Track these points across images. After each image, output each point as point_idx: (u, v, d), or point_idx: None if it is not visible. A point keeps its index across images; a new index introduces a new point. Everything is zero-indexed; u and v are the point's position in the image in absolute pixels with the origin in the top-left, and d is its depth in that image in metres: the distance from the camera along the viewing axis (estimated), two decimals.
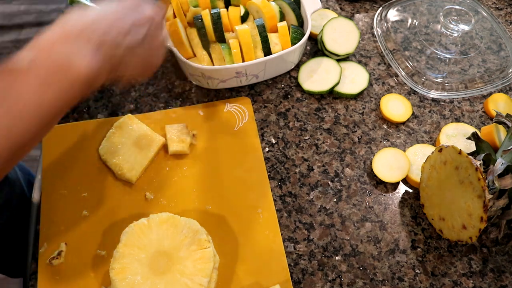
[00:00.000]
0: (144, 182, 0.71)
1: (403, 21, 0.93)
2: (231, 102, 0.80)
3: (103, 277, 0.63)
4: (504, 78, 0.85)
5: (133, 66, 0.57)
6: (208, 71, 0.74)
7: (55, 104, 0.48)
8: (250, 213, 0.69)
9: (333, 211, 0.71)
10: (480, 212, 0.60)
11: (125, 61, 0.54)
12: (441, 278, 0.66)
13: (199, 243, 0.60)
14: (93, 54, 0.49)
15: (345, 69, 0.83)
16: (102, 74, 0.52)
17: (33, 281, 0.63)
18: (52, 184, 0.70)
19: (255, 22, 0.78)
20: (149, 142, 0.73)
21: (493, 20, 0.92)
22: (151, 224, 0.61)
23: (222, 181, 0.72)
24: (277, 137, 0.78)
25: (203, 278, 0.58)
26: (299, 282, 0.65)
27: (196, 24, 0.77)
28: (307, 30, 0.78)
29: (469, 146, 0.75)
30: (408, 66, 0.85)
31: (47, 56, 0.48)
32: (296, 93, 0.82)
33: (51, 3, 2.16)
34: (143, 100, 0.80)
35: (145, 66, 0.59)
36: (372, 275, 0.66)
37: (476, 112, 0.82)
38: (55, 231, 0.66)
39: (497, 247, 0.69)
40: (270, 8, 0.79)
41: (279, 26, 0.78)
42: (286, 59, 0.79)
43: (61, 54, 0.48)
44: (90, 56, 0.49)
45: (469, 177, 0.61)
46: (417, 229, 0.70)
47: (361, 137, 0.78)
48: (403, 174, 0.73)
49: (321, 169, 0.75)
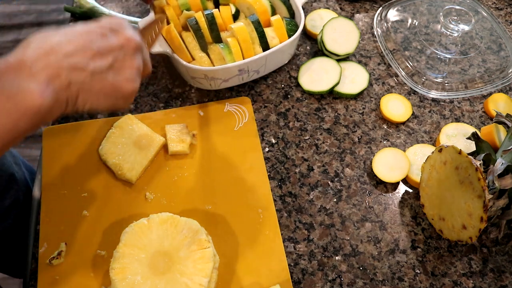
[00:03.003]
0: (144, 182, 0.71)
1: (403, 21, 0.93)
2: (231, 102, 0.80)
3: (103, 277, 0.63)
4: (504, 78, 0.85)
5: (97, 96, 0.51)
6: (211, 71, 0.74)
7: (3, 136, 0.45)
8: (250, 213, 0.69)
9: (333, 211, 0.71)
10: (480, 212, 0.60)
11: (86, 90, 0.50)
12: (441, 278, 0.66)
13: (199, 243, 0.60)
14: (47, 85, 0.46)
15: (345, 69, 0.84)
16: (57, 104, 0.48)
17: (33, 281, 0.63)
18: (52, 184, 0.70)
19: (249, 18, 0.78)
20: (149, 142, 0.73)
21: (493, 20, 0.92)
22: (151, 224, 0.61)
23: (222, 181, 0.72)
24: (277, 137, 0.78)
25: (203, 278, 0.58)
26: (299, 282, 0.65)
27: (192, 27, 0.77)
28: (301, 21, 0.80)
29: (469, 146, 0.75)
30: (408, 66, 0.85)
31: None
32: (296, 93, 0.82)
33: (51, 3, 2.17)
34: (143, 100, 0.80)
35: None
36: (372, 275, 0.66)
37: (476, 112, 0.82)
38: (55, 231, 0.66)
39: (497, 247, 0.69)
40: (261, 4, 0.80)
41: (273, 19, 0.79)
42: (285, 51, 0.80)
43: (11, 84, 0.45)
44: (43, 87, 0.46)
45: (469, 177, 0.61)
46: (417, 229, 0.70)
47: (361, 137, 0.78)
48: (403, 174, 0.73)
49: (321, 169, 0.75)
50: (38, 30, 0.50)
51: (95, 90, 0.50)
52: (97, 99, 0.51)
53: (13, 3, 2.16)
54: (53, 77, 0.46)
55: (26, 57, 0.46)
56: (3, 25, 2.08)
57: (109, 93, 0.52)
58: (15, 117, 0.44)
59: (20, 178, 0.91)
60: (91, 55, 0.49)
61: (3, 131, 0.44)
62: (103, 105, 0.53)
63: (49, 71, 0.46)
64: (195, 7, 0.81)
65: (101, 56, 0.50)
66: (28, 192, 0.91)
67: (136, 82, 0.54)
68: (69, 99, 0.49)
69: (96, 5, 0.90)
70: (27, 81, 0.45)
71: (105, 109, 0.54)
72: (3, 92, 0.44)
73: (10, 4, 2.15)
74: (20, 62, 0.46)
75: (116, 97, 0.53)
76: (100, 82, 0.50)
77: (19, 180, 0.90)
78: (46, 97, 0.46)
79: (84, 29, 0.51)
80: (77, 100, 0.50)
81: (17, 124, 0.45)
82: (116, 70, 0.51)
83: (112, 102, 0.53)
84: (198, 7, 0.81)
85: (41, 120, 0.47)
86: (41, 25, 2.08)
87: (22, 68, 0.45)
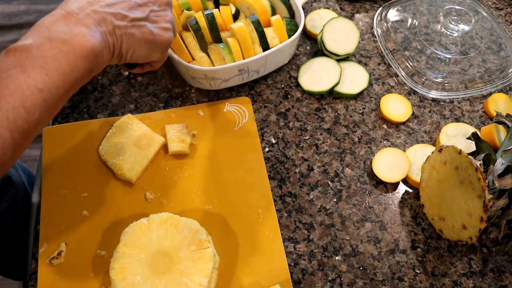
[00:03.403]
0: (144, 182, 0.71)
1: (403, 21, 0.93)
2: (231, 102, 0.80)
3: (103, 277, 0.63)
4: (504, 78, 0.85)
5: (139, 43, 0.57)
6: (211, 71, 0.74)
7: (65, 78, 0.49)
8: (250, 213, 0.69)
9: (333, 211, 0.71)
10: (480, 212, 0.60)
11: (129, 36, 0.55)
12: (441, 278, 0.66)
13: (199, 243, 0.60)
14: (95, 28, 0.51)
15: (345, 69, 0.84)
16: (106, 49, 0.53)
17: (33, 281, 0.63)
18: (52, 184, 0.70)
19: (249, 18, 0.78)
20: (149, 142, 0.73)
21: (493, 20, 0.92)
22: (151, 224, 0.61)
23: (222, 181, 0.72)
24: (277, 137, 0.78)
25: (203, 278, 0.58)
26: (299, 282, 0.65)
27: (192, 27, 0.77)
28: (301, 21, 0.80)
29: (469, 146, 0.75)
30: (408, 66, 0.85)
31: (49, 35, 0.48)
32: (296, 93, 0.82)
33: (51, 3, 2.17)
34: (143, 100, 0.80)
35: (152, 44, 0.59)
36: (372, 275, 0.66)
37: (476, 112, 0.82)
38: (55, 231, 0.66)
39: (497, 247, 0.69)
40: (261, 3, 0.80)
41: (273, 19, 0.79)
42: (285, 51, 0.80)
43: (62, 32, 0.49)
44: (93, 30, 0.51)
45: (469, 177, 0.61)
46: (417, 229, 0.70)
47: (361, 137, 0.78)
48: (403, 174, 0.73)
49: (321, 169, 0.75)
50: None
51: (136, 37, 0.56)
52: (139, 46, 0.57)
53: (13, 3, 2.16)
54: (100, 21, 0.52)
55: (72, 8, 0.51)
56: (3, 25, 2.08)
57: (149, 40, 0.58)
58: (72, 58, 0.49)
59: (17, 181, 0.90)
60: (130, 6, 0.56)
61: (64, 73, 0.48)
62: (144, 53, 0.59)
63: (95, 16, 0.52)
64: (195, 7, 0.81)
65: (139, 7, 0.57)
66: (26, 195, 0.91)
67: (171, 33, 0.61)
68: (115, 43, 0.54)
69: None
70: (77, 26, 0.50)
71: (144, 58, 0.60)
72: (58, 38, 0.48)
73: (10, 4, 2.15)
74: (67, 12, 0.51)
75: (155, 45, 0.59)
76: (140, 29, 0.56)
77: (16, 183, 0.89)
78: (97, 38, 0.51)
79: None
80: (122, 46, 0.55)
81: (76, 65, 0.49)
82: (153, 20, 0.58)
83: (151, 51, 0.60)
84: (198, 7, 0.82)
85: (94, 61, 0.51)
86: None
87: (70, 16, 0.50)
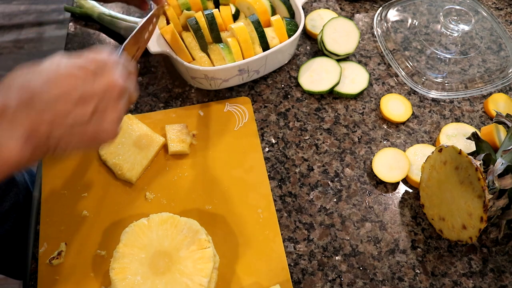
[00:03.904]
0: (144, 182, 0.71)
1: (403, 21, 0.93)
2: (231, 102, 0.80)
3: (103, 277, 0.63)
4: (504, 78, 0.85)
5: (76, 145, 0.50)
6: (211, 71, 0.74)
7: None
8: (250, 213, 0.69)
9: (333, 211, 0.71)
10: (480, 212, 0.60)
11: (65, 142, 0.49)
12: (441, 278, 0.66)
13: (199, 243, 0.60)
14: (25, 140, 0.45)
15: (345, 69, 0.84)
16: (35, 156, 0.47)
17: (33, 281, 0.63)
18: (52, 184, 0.70)
19: (249, 18, 0.78)
20: (149, 142, 0.73)
21: (493, 20, 0.92)
22: (151, 224, 0.61)
23: (222, 181, 0.72)
24: (277, 137, 0.78)
25: (203, 278, 0.58)
26: (299, 282, 0.65)
27: (192, 27, 0.77)
28: (301, 21, 0.80)
29: (469, 146, 0.75)
30: (408, 66, 0.85)
31: None
32: (296, 93, 0.82)
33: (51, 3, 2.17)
34: (143, 100, 0.80)
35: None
36: (372, 275, 0.66)
37: (476, 112, 0.82)
38: (55, 231, 0.66)
39: (497, 247, 0.69)
40: (261, 3, 0.80)
41: (273, 19, 0.79)
42: (285, 51, 0.80)
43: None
44: (22, 143, 0.45)
45: (469, 177, 0.61)
46: (417, 229, 0.70)
47: (361, 137, 0.78)
48: (403, 174, 0.73)
49: (321, 169, 0.75)
50: (38, 30, 0.49)
51: (74, 141, 0.49)
52: (76, 147, 0.51)
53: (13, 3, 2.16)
54: (33, 131, 0.46)
55: (8, 103, 0.45)
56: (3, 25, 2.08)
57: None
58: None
59: (20, 180, 0.91)
60: (74, 101, 0.48)
61: None
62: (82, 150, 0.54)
63: (29, 124, 0.46)
64: (195, 7, 0.81)
65: (84, 103, 0.48)
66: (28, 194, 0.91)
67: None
68: (47, 149, 0.48)
69: (96, 5, 0.90)
70: (6, 134, 0.45)
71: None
72: None
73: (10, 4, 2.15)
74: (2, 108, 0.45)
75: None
76: (79, 133, 0.49)
77: (19, 182, 0.90)
78: (25, 152, 0.45)
79: (67, 71, 0.49)
80: (56, 149, 0.49)
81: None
82: (98, 116, 0.50)
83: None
84: (198, 7, 0.82)
85: (17, 170, 0.47)
86: (41, 25, 2.08)
87: (3, 115, 0.45)
